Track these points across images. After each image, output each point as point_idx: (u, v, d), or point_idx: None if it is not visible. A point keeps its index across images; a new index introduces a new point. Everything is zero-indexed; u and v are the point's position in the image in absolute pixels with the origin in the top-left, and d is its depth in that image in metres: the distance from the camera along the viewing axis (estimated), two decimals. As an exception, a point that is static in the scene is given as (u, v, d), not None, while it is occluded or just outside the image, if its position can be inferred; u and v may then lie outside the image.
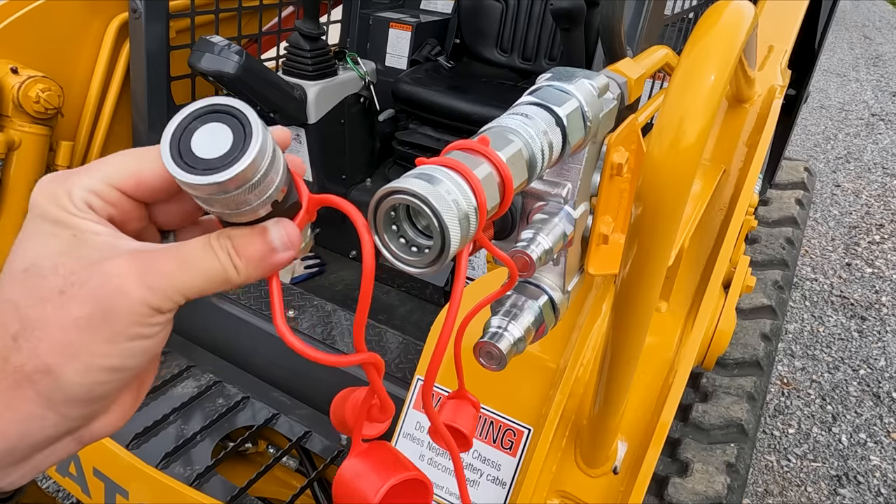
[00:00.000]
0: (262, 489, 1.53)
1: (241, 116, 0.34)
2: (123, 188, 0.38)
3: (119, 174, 0.38)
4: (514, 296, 0.59)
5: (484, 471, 1.03)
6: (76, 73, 1.74)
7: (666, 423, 0.93)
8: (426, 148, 2.28)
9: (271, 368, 1.63)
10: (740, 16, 0.53)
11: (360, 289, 0.39)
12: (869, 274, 4.01)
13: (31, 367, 0.34)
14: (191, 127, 0.34)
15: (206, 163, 0.33)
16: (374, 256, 0.39)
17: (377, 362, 0.42)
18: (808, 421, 2.91)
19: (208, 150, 0.34)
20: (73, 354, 0.34)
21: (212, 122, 0.34)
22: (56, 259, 0.35)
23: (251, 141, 0.33)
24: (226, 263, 0.37)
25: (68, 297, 0.34)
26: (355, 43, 2.51)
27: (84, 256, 0.35)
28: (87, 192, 0.37)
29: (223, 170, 0.33)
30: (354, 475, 0.43)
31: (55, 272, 0.35)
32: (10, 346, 0.34)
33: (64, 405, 0.36)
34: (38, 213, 0.37)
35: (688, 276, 1.12)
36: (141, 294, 0.35)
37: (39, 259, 0.35)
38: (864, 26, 10.35)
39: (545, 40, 2.39)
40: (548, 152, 0.49)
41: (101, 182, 0.37)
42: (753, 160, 1.21)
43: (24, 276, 0.35)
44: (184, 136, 0.34)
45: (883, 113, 6.66)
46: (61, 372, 0.34)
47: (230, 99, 0.35)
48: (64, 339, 0.34)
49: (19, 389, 0.34)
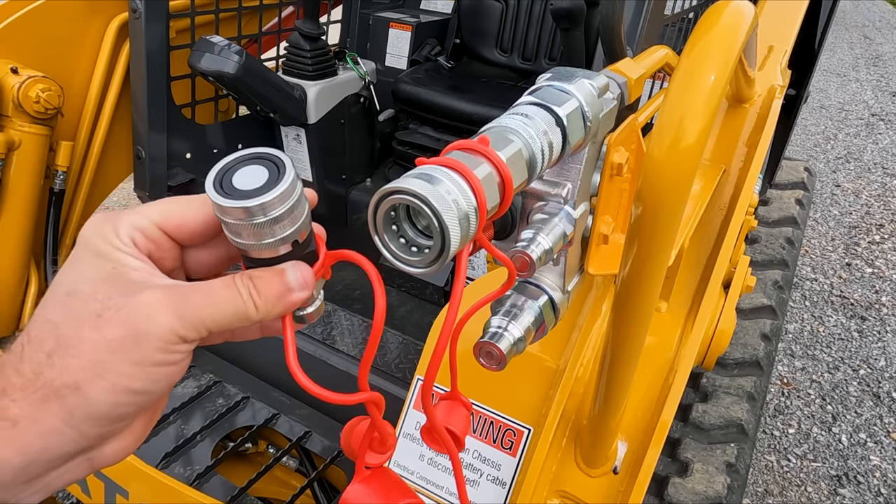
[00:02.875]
0: (262, 489, 1.53)
1: (279, 162, 0.39)
2: (166, 228, 0.42)
3: (164, 214, 0.42)
4: (514, 296, 0.59)
5: (484, 471, 1.03)
6: (76, 73, 1.74)
7: (666, 423, 0.93)
8: (426, 148, 2.28)
9: (271, 368, 1.63)
10: (740, 16, 0.53)
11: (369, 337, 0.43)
12: (869, 274, 4.01)
13: (59, 383, 0.37)
14: (234, 168, 0.40)
15: (240, 192, 0.38)
16: (384, 311, 0.43)
17: (378, 401, 0.46)
18: (808, 421, 2.91)
19: (245, 184, 0.39)
20: (101, 374, 0.37)
21: (253, 165, 0.40)
22: (96, 286, 0.39)
23: (282, 179, 0.38)
24: (246, 300, 0.41)
25: (104, 320, 0.37)
26: (355, 43, 2.51)
27: (122, 286, 0.39)
28: (133, 228, 0.41)
29: (254, 197, 0.37)
30: (355, 500, 0.46)
31: (94, 297, 0.38)
32: (43, 362, 0.37)
33: (85, 422, 0.38)
34: (83, 245, 0.41)
35: (688, 276, 1.12)
36: (170, 323, 0.38)
37: (81, 284, 0.39)
38: (864, 26, 10.35)
39: (545, 40, 2.39)
40: (548, 152, 0.49)
41: (146, 220, 0.42)
42: (753, 160, 1.21)
43: (66, 298, 0.39)
44: (227, 175, 0.39)
45: (883, 113, 6.66)
46: (88, 389, 0.37)
47: (272, 149, 0.40)
48: (95, 359, 0.37)
49: (46, 403, 0.37)
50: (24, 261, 1.70)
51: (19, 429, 0.36)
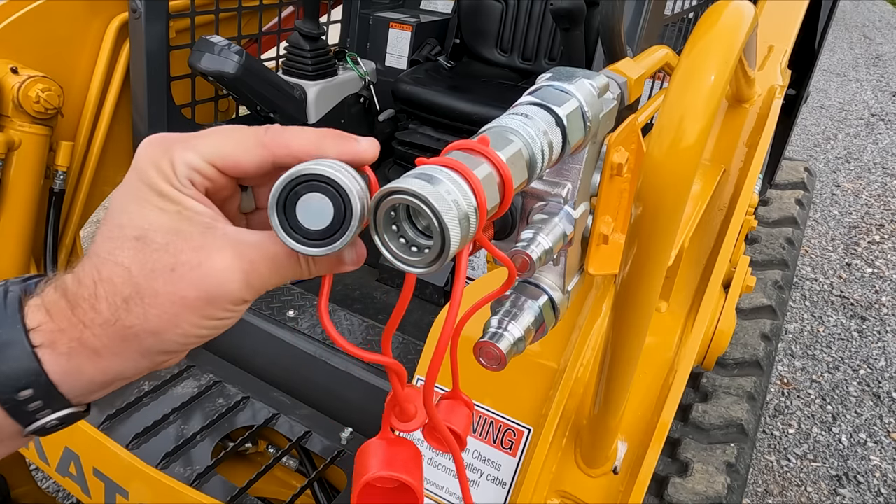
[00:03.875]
0: (262, 489, 1.53)
1: (343, 195, 0.39)
2: (220, 168, 0.43)
3: (218, 154, 0.43)
4: (513, 296, 0.59)
5: (484, 471, 1.03)
6: (76, 73, 1.74)
7: (666, 423, 0.93)
8: (426, 148, 2.28)
9: (271, 368, 1.63)
10: (740, 16, 0.53)
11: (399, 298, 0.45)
12: (869, 274, 4.01)
13: (140, 329, 0.41)
14: (296, 192, 0.40)
15: (308, 232, 0.40)
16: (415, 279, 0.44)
17: (399, 370, 0.48)
18: (808, 421, 2.91)
19: (311, 220, 0.40)
20: (176, 324, 0.41)
21: (315, 193, 0.40)
22: (167, 236, 0.41)
23: (350, 221, 0.39)
24: (304, 269, 0.45)
25: (178, 275, 0.40)
26: (355, 43, 2.51)
27: (191, 238, 0.41)
28: (190, 168, 0.42)
29: (324, 245, 0.40)
30: (369, 452, 0.49)
31: (166, 249, 0.41)
32: (121, 307, 0.41)
33: (158, 355, 0.44)
34: (142, 178, 0.42)
35: (688, 276, 1.12)
36: (240, 292, 0.42)
37: (150, 232, 0.41)
38: (864, 26, 10.35)
39: (545, 40, 2.39)
40: (548, 152, 0.49)
41: (201, 160, 0.43)
42: (753, 160, 1.21)
43: (137, 244, 0.41)
44: (290, 199, 0.40)
45: (883, 113, 6.66)
46: (165, 335, 0.42)
47: (328, 167, 0.39)
48: (172, 311, 0.41)
49: (126, 343, 0.42)
50: (24, 261, 1.70)
51: (101, 358, 0.42)
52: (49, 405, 0.42)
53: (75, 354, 0.41)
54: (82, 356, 0.42)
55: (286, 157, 0.43)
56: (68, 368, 0.42)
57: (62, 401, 0.43)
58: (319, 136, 0.44)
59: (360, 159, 0.45)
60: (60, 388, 0.42)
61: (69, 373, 0.42)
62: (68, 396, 0.43)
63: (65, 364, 0.42)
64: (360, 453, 0.49)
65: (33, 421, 0.43)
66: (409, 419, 0.50)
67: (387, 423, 0.50)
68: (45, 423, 0.43)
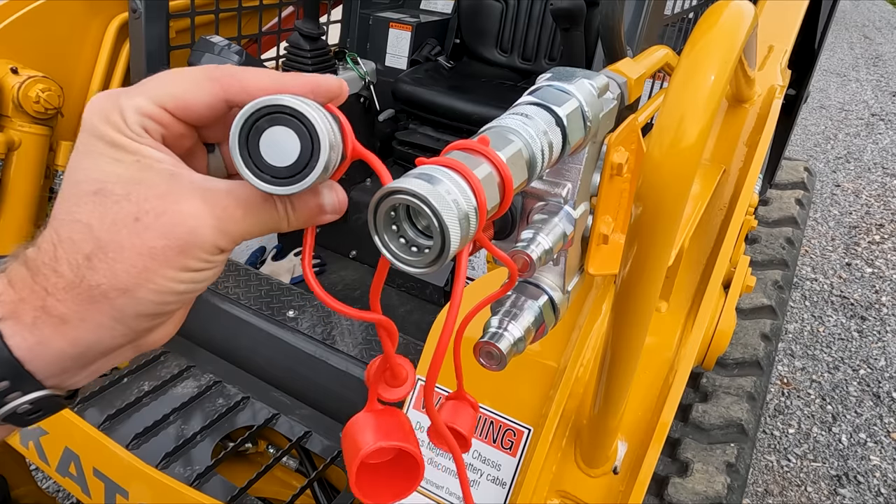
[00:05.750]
0: (262, 489, 1.53)
1: (310, 126, 0.37)
2: (172, 111, 0.40)
3: (168, 95, 0.40)
4: (514, 296, 0.59)
5: (484, 471, 1.03)
6: (76, 73, 1.74)
7: (666, 423, 0.93)
8: (426, 148, 2.28)
9: (271, 368, 1.62)
10: (740, 16, 0.53)
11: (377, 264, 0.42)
12: (869, 274, 4.01)
13: (108, 286, 0.38)
14: (259, 128, 0.37)
15: (274, 170, 0.37)
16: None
17: (389, 327, 0.45)
18: (808, 421, 2.91)
19: (276, 157, 0.37)
20: (148, 278, 0.38)
21: (279, 127, 0.37)
22: (127, 186, 0.38)
23: (319, 155, 0.37)
24: (282, 216, 0.42)
25: (143, 225, 0.38)
26: (355, 43, 2.51)
27: (154, 185, 0.38)
28: (141, 115, 0.39)
29: (292, 184, 0.37)
30: (358, 428, 0.46)
31: (128, 199, 0.38)
32: (83, 265, 0.38)
33: (134, 319, 0.40)
34: (92, 133, 0.39)
35: (688, 276, 1.12)
36: (213, 237, 0.39)
37: (108, 184, 0.38)
38: (864, 26, 10.35)
39: (545, 40, 2.39)
40: (548, 152, 0.49)
41: (151, 104, 0.40)
42: (753, 160, 1.21)
43: (96, 198, 0.38)
44: (252, 137, 0.37)
45: (883, 113, 6.66)
46: (136, 291, 0.38)
47: (291, 99, 0.37)
48: (141, 265, 0.38)
49: (95, 304, 0.38)
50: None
51: (69, 326, 0.38)
52: (18, 386, 0.39)
53: (40, 324, 0.38)
54: (48, 325, 0.38)
55: (239, 92, 0.41)
56: (34, 342, 0.38)
57: (32, 381, 0.39)
58: (279, 74, 0.42)
59: (324, 92, 0.42)
60: (27, 365, 0.39)
61: (36, 347, 0.39)
62: (39, 376, 0.39)
63: (29, 337, 0.38)
64: (348, 430, 0.46)
65: (1, 405, 0.39)
66: (401, 383, 0.48)
67: (374, 393, 0.48)
68: (16, 408, 0.40)
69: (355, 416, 0.47)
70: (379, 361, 0.48)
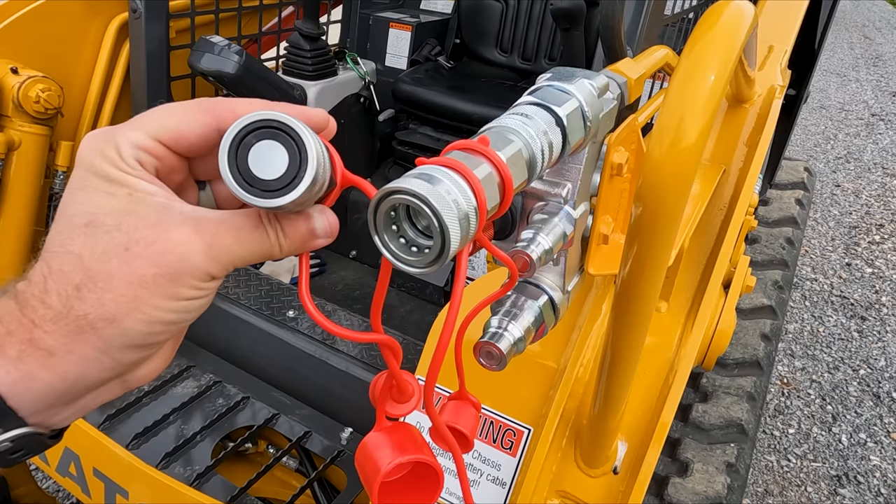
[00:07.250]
0: (262, 489, 1.53)
1: (298, 140, 0.38)
2: (166, 143, 0.41)
3: (163, 128, 0.41)
4: (514, 296, 0.59)
5: (484, 471, 1.03)
6: (76, 73, 1.74)
7: (666, 423, 0.93)
8: (426, 148, 2.28)
9: (271, 368, 1.62)
10: (740, 16, 0.53)
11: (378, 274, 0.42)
12: (869, 274, 4.01)
13: (94, 316, 0.37)
14: (248, 143, 0.38)
15: (263, 183, 0.37)
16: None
17: (392, 345, 0.45)
18: (808, 421, 2.91)
19: (265, 170, 0.37)
20: (136, 307, 0.38)
21: (268, 141, 0.38)
22: (118, 217, 0.38)
23: (306, 169, 0.37)
24: (273, 242, 0.42)
25: (133, 254, 0.38)
26: (355, 43, 2.51)
27: (145, 216, 0.39)
28: (135, 148, 0.40)
29: (278, 196, 0.37)
30: (372, 448, 0.46)
31: (118, 229, 0.38)
32: (72, 295, 0.37)
33: (120, 351, 0.39)
34: (87, 168, 0.40)
35: (688, 276, 1.12)
36: (204, 264, 0.39)
37: (100, 215, 0.38)
38: (864, 26, 10.35)
39: (545, 40, 2.39)
40: (548, 152, 0.49)
41: (146, 137, 0.40)
42: (753, 160, 1.21)
43: (87, 230, 0.38)
44: (241, 151, 0.38)
45: (883, 113, 6.66)
46: (124, 321, 0.38)
47: (279, 114, 0.38)
48: (129, 293, 0.38)
49: (82, 335, 0.38)
50: (24, 262, 1.70)
51: (56, 358, 0.38)
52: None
53: (25, 357, 0.37)
54: (33, 358, 0.37)
55: (232, 121, 0.41)
56: (18, 376, 0.37)
57: (13, 417, 0.38)
58: (271, 103, 0.42)
59: (313, 124, 0.42)
60: (10, 400, 0.37)
61: (20, 381, 0.38)
62: (22, 412, 0.38)
63: (13, 371, 0.37)
64: (362, 451, 0.46)
65: None
66: (407, 398, 0.48)
67: (382, 411, 0.48)
68: None
69: (366, 437, 0.47)
70: (384, 378, 0.48)
